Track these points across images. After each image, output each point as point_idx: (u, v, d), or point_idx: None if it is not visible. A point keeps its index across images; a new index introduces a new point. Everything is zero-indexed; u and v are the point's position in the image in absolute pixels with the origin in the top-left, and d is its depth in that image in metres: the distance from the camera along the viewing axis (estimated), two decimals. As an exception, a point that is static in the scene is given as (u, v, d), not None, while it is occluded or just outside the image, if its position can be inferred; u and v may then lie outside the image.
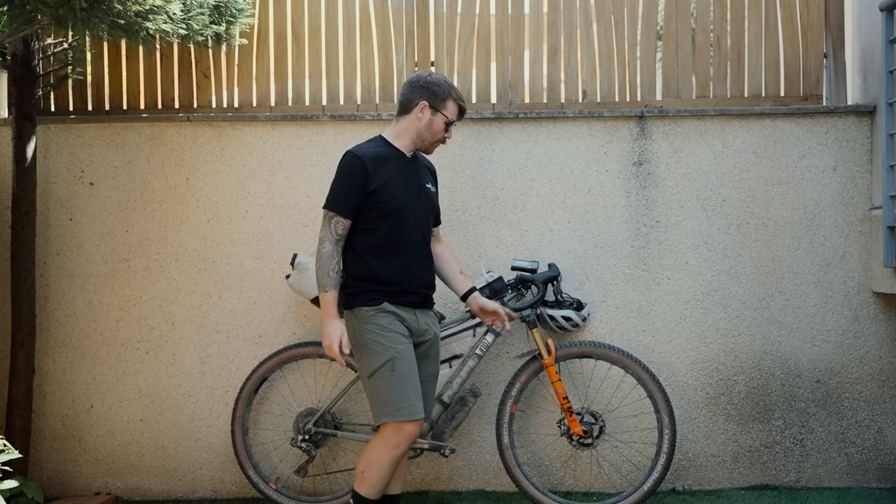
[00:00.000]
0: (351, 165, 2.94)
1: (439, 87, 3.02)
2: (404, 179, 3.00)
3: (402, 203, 2.97)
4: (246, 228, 3.92)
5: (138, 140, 3.95)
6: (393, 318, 2.95)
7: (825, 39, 4.05)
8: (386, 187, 2.94)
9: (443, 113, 3.02)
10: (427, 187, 3.10)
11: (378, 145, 3.03)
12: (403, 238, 2.98)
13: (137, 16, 3.11)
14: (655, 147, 3.90)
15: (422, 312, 3.07)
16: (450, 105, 3.03)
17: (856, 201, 3.87)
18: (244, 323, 3.92)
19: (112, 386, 3.94)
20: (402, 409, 2.88)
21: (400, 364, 2.90)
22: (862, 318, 3.86)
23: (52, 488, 3.93)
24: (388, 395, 2.89)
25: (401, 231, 2.98)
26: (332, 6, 4.10)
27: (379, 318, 2.94)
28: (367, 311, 2.95)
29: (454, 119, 3.05)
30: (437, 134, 3.04)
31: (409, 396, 2.89)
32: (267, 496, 3.72)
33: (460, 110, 3.07)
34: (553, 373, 3.56)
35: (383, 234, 2.96)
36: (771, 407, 3.87)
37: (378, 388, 2.91)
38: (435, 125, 3.02)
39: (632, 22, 4.08)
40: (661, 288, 3.89)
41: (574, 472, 3.88)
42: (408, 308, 3.00)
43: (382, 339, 2.92)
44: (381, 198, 2.93)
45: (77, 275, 3.94)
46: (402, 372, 2.90)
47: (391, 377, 2.88)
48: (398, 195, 2.96)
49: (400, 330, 2.95)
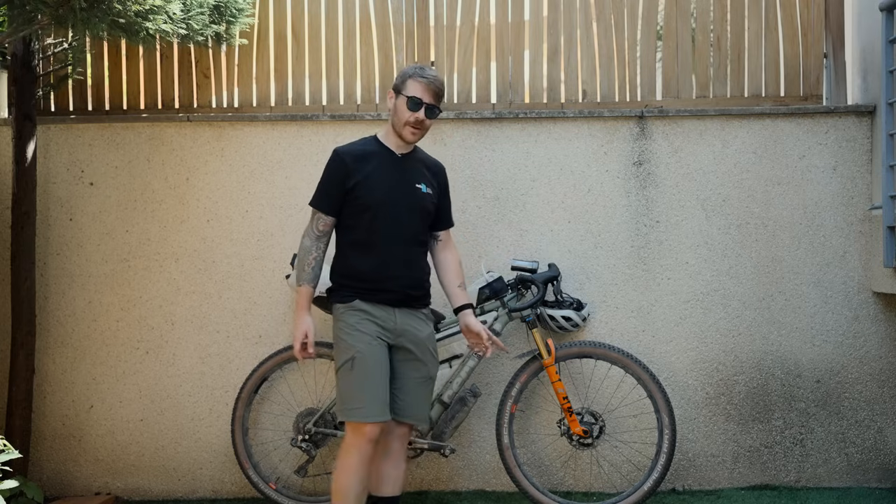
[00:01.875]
0: (332, 162, 3.01)
1: (403, 72, 3.03)
2: (388, 177, 2.98)
3: (381, 200, 2.95)
4: (246, 228, 3.93)
5: (138, 140, 3.95)
6: (362, 317, 2.93)
7: (825, 39, 4.05)
8: (365, 183, 2.95)
9: (404, 94, 2.97)
10: (417, 187, 3.04)
11: (367, 143, 3.07)
12: (382, 235, 2.96)
13: (137, 16, 3.11)
14: (655, 147, 3.90)
15: (404, 312, 3.01)
16: (409, 84, 2.96)
17: (856, 201, 3.87)
18: (244, 323, 3.92)
19: (112, 386, 3.94)
20: (355, 410, 2.86)
21: (360, 364, 2.87)
22: (862, 318, 3.86)
23: (52, 488, 3.93)
24: (344, 394, 2.91)
25: (379, 228, 2.96)
26: (332, 6, 4.10)
27: (348, 315, 2.95)
28: (339, 308, 2.99)
29: (417, 96, 2.94)
30: (403, 115, 2.96)
31: (363, 398, 2.86)
32: (267, 496, 3.72)
33: (429, 90, 2.96)
34: (553, 373, 3.56)
35: (361, 231, 2.97)
36: (771, 407, 3.87)
37: (339, 384, 2.94)
38: (399, 108, 2.98)
39: (632, 22, 4.08)
40: (661, 288, 3.89)
41: (574, 472, 3.88)
42: (385, 306, 2.97)
43: (348, 336, 2.92)
44: (359, 194, 2.95)
45: (77, 275, 3.94)
46: (361, 372, 2.87)
47: (349, 376, 2.89)
48: (377, 192, 2.95)
49: (367, 330, 2.92)
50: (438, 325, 3.62)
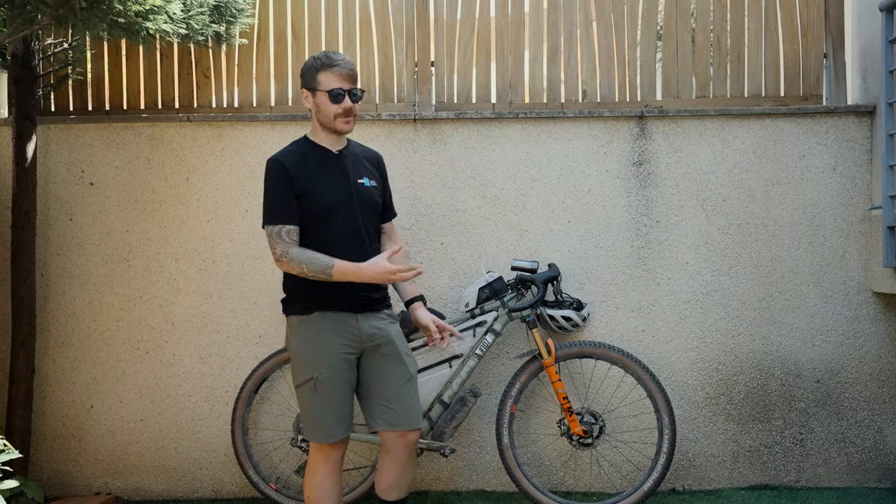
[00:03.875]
0: (272, 170, 2.79)
1: (306, 67, 2.83)
2: (329, 177, 2.82)
3: (329, 202, 2.79)
4: (246, 228, 3.93)
5: (138, 140, 3.95)
6: (321, 330, 2.79)
7: (825, 39, 4.05)
8: (310, 187, 2.78)
9: (318, 89, 2.79)
10: (360, 182, 2.88)
11: (299, 145, 2.89)
12: (334, 240, 2.79)
13: (137, 16, 3.11)
14: (655, 147, 3.90)
15: (366, 316, 2.85)
16: (321, 77, 2.78)
17: (855, 201, 3.87)
18: (244, 323, 3.92)
19: (112, 386, 3.94)
20: (319, 431, 2.80)
21: (322, 385, 2.77)
22: (862, 318, 3.86)
23: (52, 488, 3.93)
24: (308, 414, 2.82)
25: (330, 232, 2.79)
26: (332, 6, 4.10)
27: (304, 329, 2.80)
28: (296, 320, 2.83)
29: (334, 87, 2.77)
30: (330, 110, 2.79)
31: (328, 419, 2.78)
32: (267, 496, 3.72)
33: (343, 76, 2.78)
34: (553, 373, 3.56)
35: (312, 238, 2.78)
36: (771, 407, 3.87)
37: (301, 402, 2.84)
38: (321, 104, 2.80)
39: (632, 22, 4.08)
40: (661, 288, 3.89)
41: (574, 472, 3.88)
42: (347, 314, 2.81)
43: (307, 353, 2.79)
44: (305, 199, 2.77)
45: (77, 275, 3.94)
46: (324, 394, 2.78)
47: (312, 397, 2.79)
48: (323, 195, 2.79)
49: (329, 347, 2.78)
50: (438, 325, 3.62)
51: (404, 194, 3.89)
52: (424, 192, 3.91)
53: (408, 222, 3.90)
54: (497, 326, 3.61)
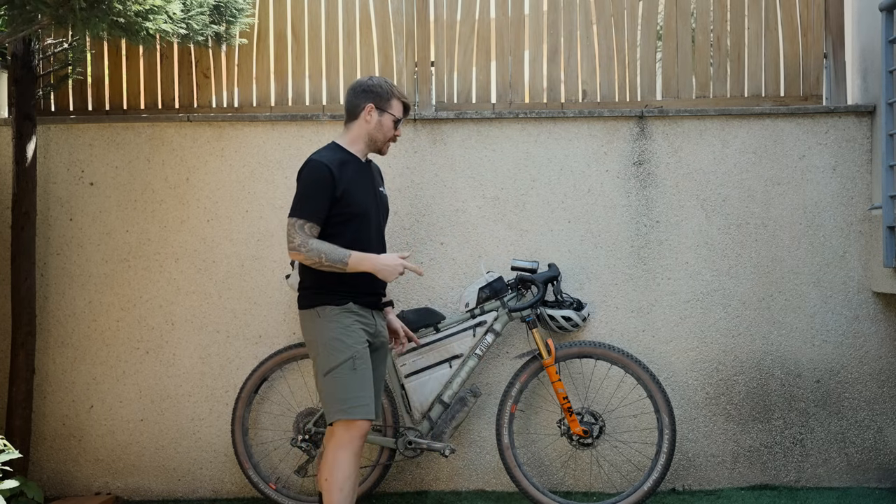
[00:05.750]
0: (319, 172, 2.97)
1: (381, 88, 3.10)
2: (364, 184, 3.08)
3: (365, 207, 3.06)
4: (246, 228, 3.93)
5: (138, 140, 3.95)
6: (355, 319, 3.01)
7: (825, 39, 4.05)
8: (350, 192, 3.00)
9: (389, 112, 3.10)
10: (381, 190, 3.21)
11: (336, 151, 3.08)
12: (367, 240, 3.05)
13: (137, 16, 3.11)
14: (655, 147, 3.90)
15: (377, 314, 3.17)
16: (394, 103, 3.12)
17: (855, 201, 3.87)
18: (244, 323, 3.92)
19: (112, 386, 3.94)
20: (358, 408, 2.94)
21: (360, 364, 2.96)
22: (862, 318, 3.86)
23: (52, 488, 3.93)
24: (344, 393, 2.94)
25: (364, 234, 3.05)
26: (332, 6, 4.10)
27: (343, 317, 2.99)
28: (332, 310, 2.99)
29: (400, 116, 3.14)
30: (388, 133, 3.12)
31: (365, 396, 2.96)
32: (267, 496, 3.72)
33: (405, 107, 3.16)
34: (553, 373, 3.56)
35: (349, 238, 3.00)
36: (771, 407, 3.87)
37: (335, 385, 2.95)
38: (384, 125, 3.10)
39: (632, 22, 4.08)
40: (661, 288, 3.89)
41: (574, 472, 3.88)
42: (367, 309, 3.08)
43: (345, 337, 2.97)
44: (345, 202, 2.99)
45: (77, 275, 3.94)
46: (362, 372, 2.96)
47: (351, 375, 2.94)
48: (361, 199, 3.04)
49: (359, 331, 3.01)
50: (438, 325, 3.63)
51: (404, 194, 3.89)
52: (424, 192, 3.91)
53: (408, 222, 3.90)
54: (497, 326, 3.61)
